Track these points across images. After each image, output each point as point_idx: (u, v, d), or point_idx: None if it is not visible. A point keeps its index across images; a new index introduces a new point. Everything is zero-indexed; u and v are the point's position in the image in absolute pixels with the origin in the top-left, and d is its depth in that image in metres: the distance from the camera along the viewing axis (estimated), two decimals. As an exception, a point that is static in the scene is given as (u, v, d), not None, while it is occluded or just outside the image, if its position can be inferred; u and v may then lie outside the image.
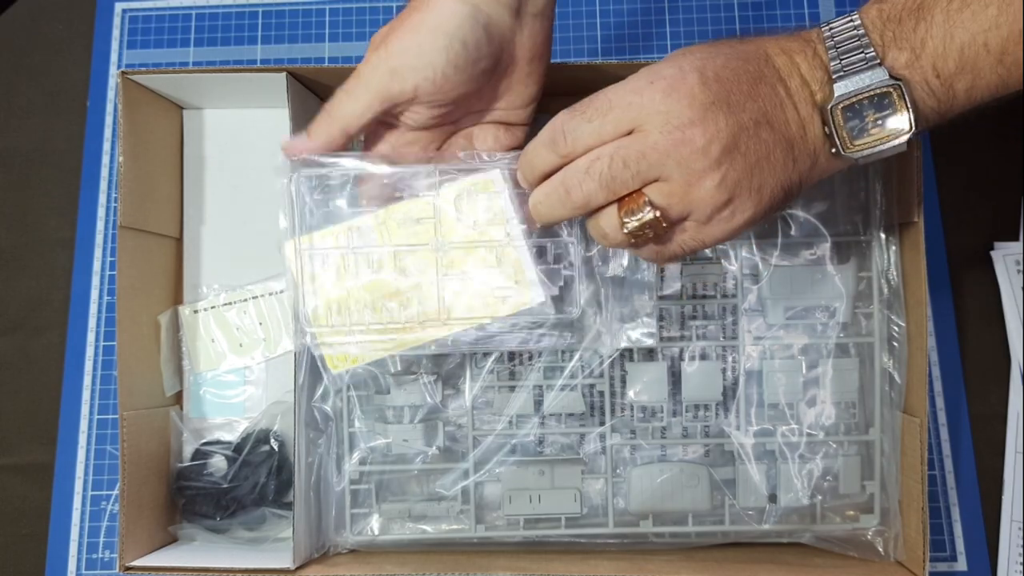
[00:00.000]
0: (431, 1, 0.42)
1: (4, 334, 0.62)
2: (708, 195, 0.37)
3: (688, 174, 0.36)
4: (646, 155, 0.36)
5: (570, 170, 0.38)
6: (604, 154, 0.37)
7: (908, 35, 0.36)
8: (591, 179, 0.37)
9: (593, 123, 0.37)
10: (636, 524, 0.54)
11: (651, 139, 0.36)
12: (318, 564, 0.52)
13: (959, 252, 0.60)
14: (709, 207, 0.37)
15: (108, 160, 0.64)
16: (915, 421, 0.51)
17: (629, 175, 0.37)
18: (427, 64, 0.42)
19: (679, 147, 0.36)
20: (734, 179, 0.36)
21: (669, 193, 0.37)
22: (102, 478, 0.60)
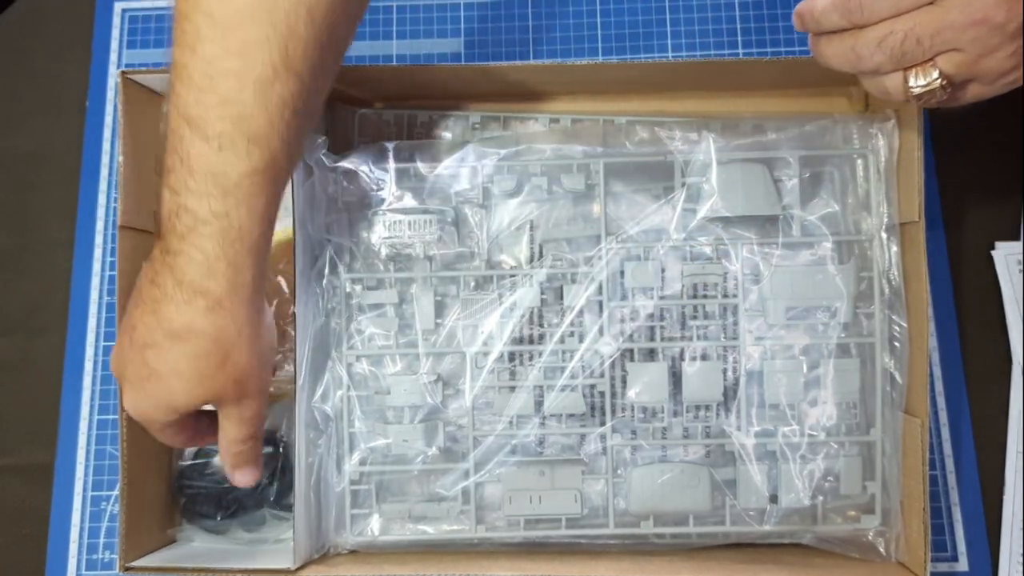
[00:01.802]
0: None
1: (4, 335, 0.62)
2: (997, 65, 0.37)
3: (982, 48, 0.37)
4: (941, 32, 0.37)
5: (862, 39, 0.38)
6: (899, 29, 0.37)
7: None
8: (882, 52, 0.38)
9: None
10: (637, 525, 0.54)
11: (949, 17, 0.36)
12: (318, 564, 0.52)
13: (960, 252, 0.60)
14: (996, 74, 0.38)
15: (108, 160, 0.63)
16: (916, 421, 0.51)
17: (921, 51, 0.37)
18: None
19: (978, 25, 0.36)
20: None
21: (959, 63, 0.38)
22: (102, 478, 0.60)
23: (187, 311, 0.41)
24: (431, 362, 0.54)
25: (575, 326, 0.54)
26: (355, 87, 0.57)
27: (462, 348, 0.54)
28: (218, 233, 0.40)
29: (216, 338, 0.42)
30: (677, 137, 0.55)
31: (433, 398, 0.53)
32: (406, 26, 0.65)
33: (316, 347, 0.54)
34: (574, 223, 0.55)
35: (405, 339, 0.54)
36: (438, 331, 0.54)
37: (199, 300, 0.41)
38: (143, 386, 0.43)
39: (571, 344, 0.54)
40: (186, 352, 0.42)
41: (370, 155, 0.54)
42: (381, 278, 0.55)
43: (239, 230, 0.41)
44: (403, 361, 0.54)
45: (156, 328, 0.41)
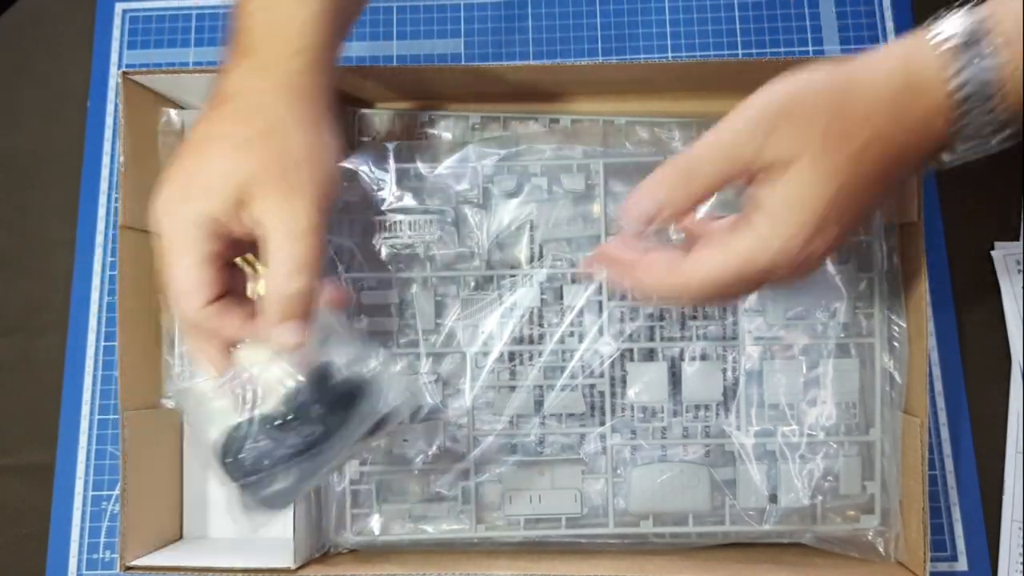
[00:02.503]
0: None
1: (4, 335, 0.62)
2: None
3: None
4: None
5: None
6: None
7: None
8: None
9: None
10: (636, 524, 0.54)
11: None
12: (318, 564, 0.52)
13: (960, 252, 0.60)
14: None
15: (108, 161, 0.63)
16: (916, 421, 0.51)
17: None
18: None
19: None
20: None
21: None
22: (103, 478, 0.60)
23: (234, 74, 0.39)
24: (431, 362, 0.54)
25: (575, 326, 0.54)
26: (355, 87, 0.57)
27: (462, 348, 0.54)
28: (271, 16, 0.39)
29: (259, 102, 0.39)
30: (677, 137, 0.55)
31: (433, 398, 0.53)
32: (406, 26, 0.65)
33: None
34: (574, 223, 0.55)
35: (405, 339, 0.54)
36: (438, 331, 0.54)
37: (246, 60, 0.39)
38: (181, 168, 0.39)
39: (571, 344, 0.54)
40: (227, 113, 0.39)
41: (370, 155, 0.54)
42: (381, 278, 0.55)
43: (293, 19, 0.39)
44: (403, 361, 0.54)
45: (203, 112, 0.39)
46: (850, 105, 0.34)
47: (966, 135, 0.35)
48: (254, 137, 0.38)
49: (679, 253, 0.37)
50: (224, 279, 0.39)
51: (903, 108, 0.34)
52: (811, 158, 0.34)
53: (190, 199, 0.38)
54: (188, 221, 0.38)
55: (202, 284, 0.38)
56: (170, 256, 0.38)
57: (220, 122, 0.39)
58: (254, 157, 0.38)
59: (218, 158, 0.38)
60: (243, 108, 0.39)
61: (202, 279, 0.38)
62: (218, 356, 0.40)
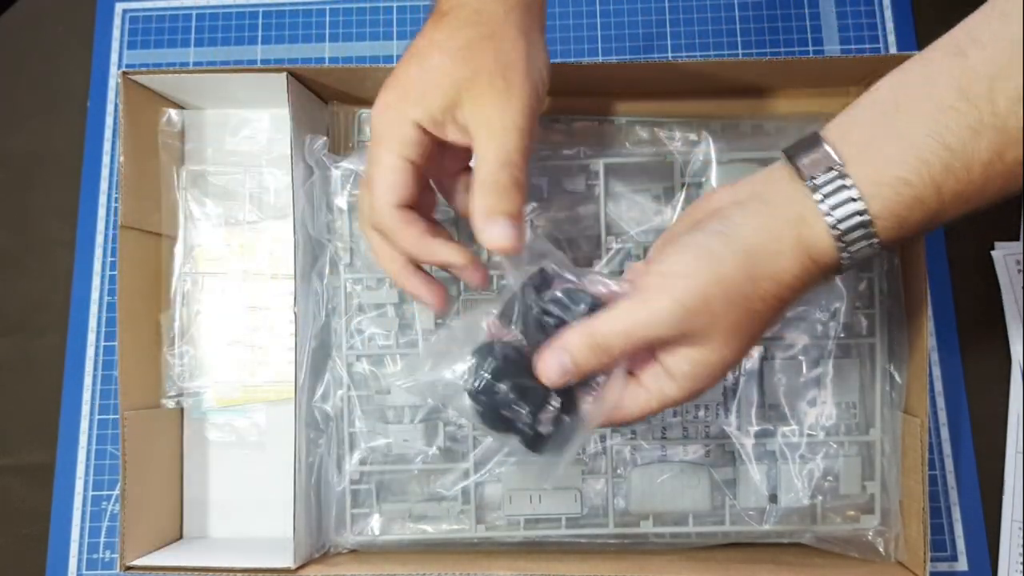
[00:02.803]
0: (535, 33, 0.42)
1: (5, 335, 0.62)
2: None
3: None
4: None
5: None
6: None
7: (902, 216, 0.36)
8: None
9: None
10: (636, 524, 0.54)
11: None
12: (318, 564, 0.52)
13: (960, 252, 0.60)
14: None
15: (109, 161, 0.64)
16: (916, 421, 0.51)
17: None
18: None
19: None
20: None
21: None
22: (103, 478, 0.60)
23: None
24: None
25: (575, 326, 0.54)
26: (355, 87, 0.57)
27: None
28: None
29: (477, 11, 0.40)
30: (677, 137, 0.55)
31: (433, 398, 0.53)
32: (406, 26, 0.65)
33: (316, 347, 0.54)
34: (574, 223, 0.55)
35: (405, 339, 0.54)
36: (438, 331, 0.54)
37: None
38: (400, 74, 0.41)
39: (571, 344, 0.54)
40: (445, 24, 0.40)
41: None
42: (381, 278, 0.55)
43: None
44: (403, 361, 0.54)
45: (423, 26, 0.42)
46: (759, 294, 0.37)
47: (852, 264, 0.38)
48: (471, 43, 0.40)
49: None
50: (417, 189, 0.42)
51: (807, 277, 0.37)
52: (721, 340, 0.37)
53: (405, 101, 0.40)
54: (399, 122, 0.40)
55: (397, 184, 0.41)
56: (376, 153, 0.41)
57: (438, 31, 0.40)
58: (470, 62, 0.39)
59: (435, 64, 0.40)
60: (461, 18, 0.40)
61: (398, 179, 0.41)
62: (392, 261, 0.43)
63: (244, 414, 0.59)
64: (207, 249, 0.60)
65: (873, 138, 0.36)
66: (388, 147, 0.41)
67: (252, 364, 0.59)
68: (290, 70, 0.53)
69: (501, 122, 0.39)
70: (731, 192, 0.39)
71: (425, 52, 0.41)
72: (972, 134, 0.34)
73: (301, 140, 0.53)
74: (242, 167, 0.60)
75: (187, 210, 0.60)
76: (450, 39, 0.40)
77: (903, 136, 0.35)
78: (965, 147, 0.34)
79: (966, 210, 0.36)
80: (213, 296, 0.60)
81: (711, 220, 0.38)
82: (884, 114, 0.36)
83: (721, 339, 0.37)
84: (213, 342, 0.59)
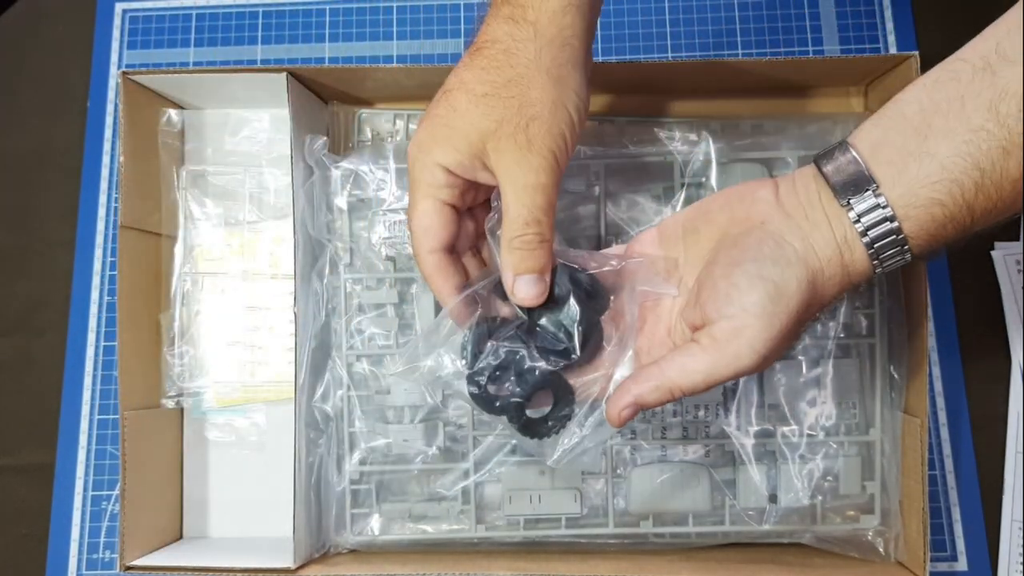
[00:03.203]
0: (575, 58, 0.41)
1: (5, 335, 0.62)
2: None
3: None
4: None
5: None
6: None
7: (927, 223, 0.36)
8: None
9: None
10: (636, 524, 0.54)
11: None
12: (318, 564, 0.52)
13: (959, 252, 0.60)
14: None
15: (109, 161, 0.63)
16: (915, 421, 0.51)
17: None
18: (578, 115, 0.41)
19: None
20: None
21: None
22: (103, 478, 0.60)
23: (491, 22, 0.40)
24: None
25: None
26: (355, 87, 0.57)
27: (462, 348, 0.54)
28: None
29: (508, 50, 0.39)
30: (677, 137, 0.55)
31: (433, 398, 0.53)
32: (406, 26, 0.65)
33: (316, 347, 0.54)
34: (574, 223, 0.55)
35: (405, 339, 0.54)
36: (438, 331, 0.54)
37: (504, 8, 0.40)
38: (431, 114, 0.40)
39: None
40: (477, 62, 0.40)
41: (370, 155, 0.54)
42: (381, 278, 0.55)
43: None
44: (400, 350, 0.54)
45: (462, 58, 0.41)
46: (810, 316, 0.39)
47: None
48: (497, 89, 0.39)
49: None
50: (454, 228, 0.42)
51: (843, 293, 0.40)
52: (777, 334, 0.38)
53: (434, 144, 0.40)
54: (429, 166, 0.40)
55: (431, 228, 0.41)
56: (411, 195, 0.42)
57: (468, 71, 0.40)
58: (494, 111, 0.39)
59: (462, 109, 0.40)
60: (491, 57, 0.40)
61: (432, 223, 0.41)
62: (445, 292, 0.43)
63: (244, 414, 0.59)
64: (207, 249, 0.60)
65: (906, 159, 0.36)
66: (422, 191, 0.41)
67: (252, 364, 0.59)
68: (290, 70, 0.53)
69: (524, 180, 0.39)
70: (774, 200, 0.39)
71: (454, 93, 0.40)
72: (1003, 154, 0.34)
73: (301, 140, 0.53)
74: (242, 167, 0.60)
75: (187, 210, 0.60)
76: (477, 82, 0.40)
77: (935, 157, 0.35)
78: (995, 167, 0.34)
79: (996, 221, 0.36)
80: (213, 296, 0.60)
81: (765, 242, 0.38)
82: (916, 132, 0.36)
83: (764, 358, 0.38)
84: (213, 342, 0.59)
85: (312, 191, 0.54)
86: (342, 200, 0.54)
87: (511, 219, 0.39)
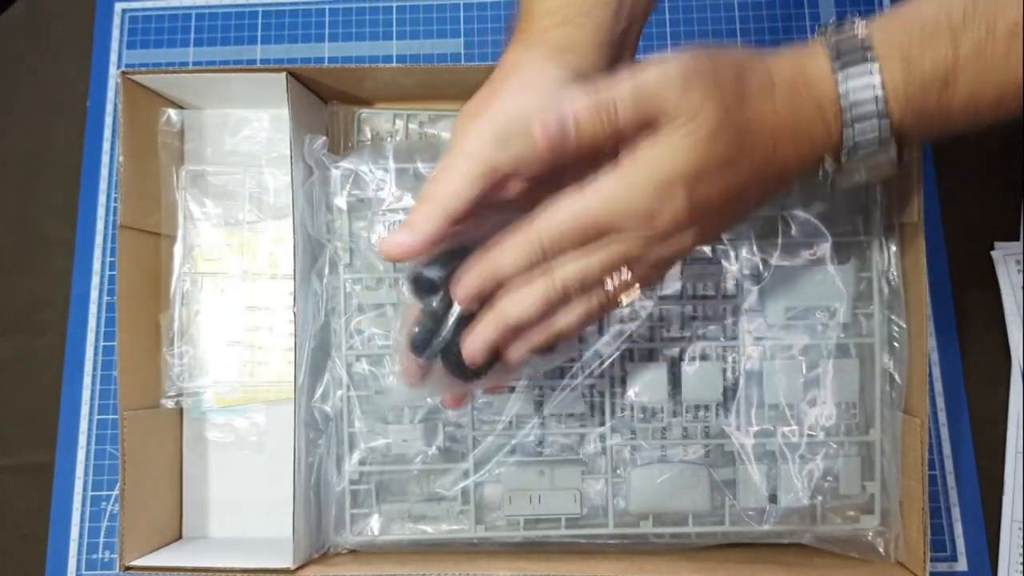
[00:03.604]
0: (522, 66, 0.40)
1: (4, 335, 0.62)
2: (675, 256, 0.39)
3: (661, 260, 0.39)
4: (627, 260, 0.38)
5: (560, 277, 0.38)
6: (595, 265, 0.38)
7: (930, 104, 0.36)
8: (583, 285, 0.39)
9: (583, 243, 0.38)
10: (636, 525, 0.54)
11: (635, 251, 0.38)
12: (318, 564, 0.52)
13: (960, 252, 0.60)
14: (674, 261, 0.41)
15: (108, 160, 0.63)
16: (915, 421, 0.51)
17: (614, 271, 0.38)
18: (531, 131, 0.37)
19: (658, 247, 0.38)
20: (699, 237, 0.39)
21: (646, 268, 0.39)
22: (102, 478, 0.60)
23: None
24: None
25: (575, 326, 0.54)
26: (355, 87, 0.57)
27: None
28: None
29: (501, 65, 0.40)
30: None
31: (432, 398, 0.53)
32: (406, 26, 0.65)
33: (316, 347, 0.54)
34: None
35: (405, 339, 0.54)
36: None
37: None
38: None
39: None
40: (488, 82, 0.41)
41: (370, 155, 0.54)
42: (381, 278, 0.55)
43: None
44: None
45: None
46: (751, 74, 0.36)
47: (852, 144, 0.37)
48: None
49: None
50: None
51: (797, 92, 0.37)
52: (706, 116, 0.35)
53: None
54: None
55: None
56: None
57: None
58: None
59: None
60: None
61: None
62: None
63: (243, 414, 0.59)
64: (206, 249, 0.60)
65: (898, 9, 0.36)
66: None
67: (251, 364, 0.59)
68: (290, 70, 0.53)
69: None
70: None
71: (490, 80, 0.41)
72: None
73: (300, 140, 0.53)
74: (241, 167, 0.60)
75: (186, 210, 0.60)
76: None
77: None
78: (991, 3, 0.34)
79: (982, 98, 0.36)
80: (212, 296, 0.60)
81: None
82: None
83: (704, 119, 0.35)
84: (212, 342, 0.59)
85: (312, 191, 0.54)
86: (342, 200, 0.54)
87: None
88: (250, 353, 0.59)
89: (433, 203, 0.39)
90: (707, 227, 0.38)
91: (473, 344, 0.40)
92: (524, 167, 0.39)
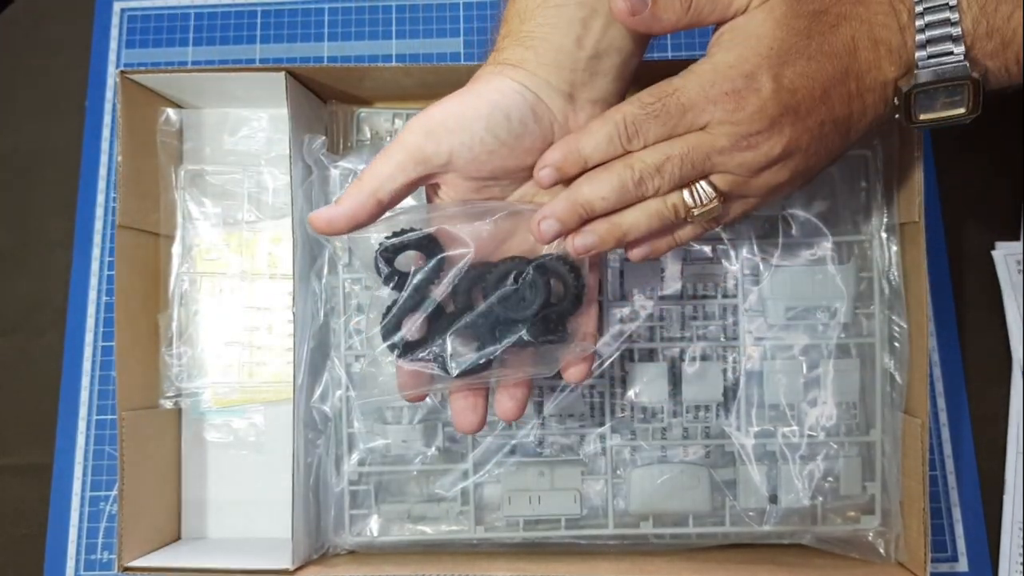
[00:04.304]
0: (481, 79, 0.41)
1: (2, 335, 0.62)
2: (764, 184, 0.40)
3: (750, 170, 0.39)
4: (711, 157, 0.38)
5: (639, 165, 0.39)
6: (675, 155, 0.38)
7: (1002, 24, 0.37)
8: (662, 177, 0.39)
9: (666, 126, 0.38)
10: (636, 525, 0.53)
11: (719, 143, 0.38)
12: (317, 565, 0.52)
13: (960, 252, 0.60)
14: (763, 191, 0.40)
15: (107, 160, 0.63)
16: (916, 422, 0.50)
17: (696, 173, 0.39)
18: (464, 128, 0.39)
19: (744, 152, 0.38)
20: (791, 170, 0.39)
21: (731, 183, 0.39)
22: (101, 478, 0.60)
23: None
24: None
25: (575, 326, 0.54)
26: (354, 86, 0.57)
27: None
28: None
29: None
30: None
31: (432, 398, 0.53)
32: (406, 26, 0.64)
33: (315, 347, 0.54)
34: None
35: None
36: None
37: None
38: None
39: (570, 344, 0.53)
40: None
41: (369, 154, 0.54)
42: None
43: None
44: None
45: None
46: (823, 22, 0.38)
47: (925, 75, 0.38)
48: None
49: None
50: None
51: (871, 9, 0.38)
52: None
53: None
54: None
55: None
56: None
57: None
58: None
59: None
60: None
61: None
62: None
63: (242, 414, 0.59)
64: (205, 249, 0.60)
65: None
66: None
67: (250, 364, 0.59)
68: (289, 69, 0.53)
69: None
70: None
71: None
72: None
73: (300, 139, 0.53)
74: (240, 166, 0.60)
75: (185, 210, 0.60)
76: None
77: None
78: None
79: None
80: (211, 296, 0.59)
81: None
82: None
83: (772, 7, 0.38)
84: (211, 342, 0.59)
85: (311, 190, 0.53)
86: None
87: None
88: (249, 353, 0.59)
89: (362, 184, 0.41)
90: (794, 136, 0.38)
91: (543, 218, 0.40)
92: (457, 166, 0.40)
